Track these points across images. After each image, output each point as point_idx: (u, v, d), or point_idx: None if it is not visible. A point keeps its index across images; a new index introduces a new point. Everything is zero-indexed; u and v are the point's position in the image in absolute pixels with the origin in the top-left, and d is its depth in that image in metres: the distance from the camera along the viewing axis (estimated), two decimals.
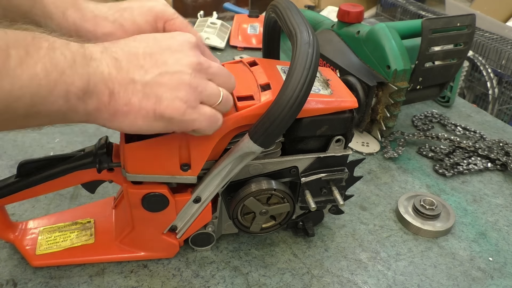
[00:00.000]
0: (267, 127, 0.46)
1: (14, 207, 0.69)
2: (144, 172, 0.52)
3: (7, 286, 0.57)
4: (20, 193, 0.56)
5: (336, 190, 0.59)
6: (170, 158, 0.51)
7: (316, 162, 0.57)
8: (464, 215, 0.73)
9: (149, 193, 0.53)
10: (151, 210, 0.55)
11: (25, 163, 0.55)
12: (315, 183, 0.58)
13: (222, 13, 1.70)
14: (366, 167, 0.84)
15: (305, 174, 0.58)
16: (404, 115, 1.01)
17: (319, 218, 0.66)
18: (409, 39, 0.85)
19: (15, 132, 0.88)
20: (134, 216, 0.56)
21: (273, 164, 0.56)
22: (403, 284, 0.60)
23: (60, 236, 0.61)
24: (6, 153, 0.82)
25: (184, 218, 0.57)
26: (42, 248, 0.60)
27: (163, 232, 0.58)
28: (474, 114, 1.05)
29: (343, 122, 0.54)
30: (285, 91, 0.45)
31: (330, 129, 0.54)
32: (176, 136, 0.49)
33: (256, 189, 0.56)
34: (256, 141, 0.48)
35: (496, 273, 0.63)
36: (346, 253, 0.65)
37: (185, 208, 0.56)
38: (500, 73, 1.69)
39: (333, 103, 0.53)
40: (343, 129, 0.55)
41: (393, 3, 2.21)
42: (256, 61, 0.58)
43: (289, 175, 0.58)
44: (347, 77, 0.84)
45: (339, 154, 0.57)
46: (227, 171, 0.53)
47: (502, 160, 0.85)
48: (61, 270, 0.59)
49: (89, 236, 0.61)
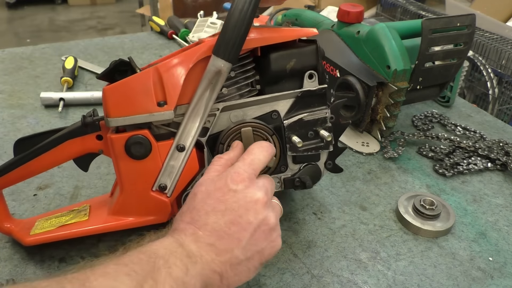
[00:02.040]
0: (223, 37, 0.50)
1: (14, 207, 0.69)
2: (124, 113, 0.53)
3: (7, 286, 0.57)
4: (15, 171, 0.57)
5: (322, 130, 0.60)
6: (146, 94, 0.53)
7: (295, 103, 0.59)
8: (464, 215, 0.73)
9: (132, 136, 0.54)
10: (135, 157, 0.55)
11: (21, 139, 0.58)
12: (299, 126, 0.59)
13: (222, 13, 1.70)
14: (366, 167, 0.84)
15: (287, 118, 0.59)
16: (404, 115, 1.01)
17: (317, 174, 0.64)
18: (409, 39, 0.85)
19: (15, 132, 0.88)
20: (121, 171, 0.56)
21: (253, 110, 0.58)
22: (403, 284, 0.60)
23: (55, 221, 0.61)
24: (6, 153, 0.82)
25: (171, 173, 0.57)
26: (37, 230, 0.60)
27: (152, 190, 0.57)
28: (474, 114, 1.05)
29: (309, 54, 0.57)
30: (234, 2, 0.49)
31: (298, 62, 0.57)
32: (149, 72, 0.52)
33: (237, 124, 0.57)
34: (218, 54, 0.51)
35: (496, 273, 0.63)
36: (346, 253, 0.65)
37: (169, 158, 0.56)
38: (500, 73, 1.69)
39: (294, 30, 0.58)
40: (312, 61, 0.58)
41: (393, 3, 2.21)
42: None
43: (271, 120, 0.59)
44: (347, 77, 0.84)
45: (314, 88, 0.59)
46: (204, 106, 0.54)
47: (502, 160, 0.85)
48: (61, 270, 0.59)
49: (83, 216, 0.61)
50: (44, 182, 0.75)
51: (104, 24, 4.32)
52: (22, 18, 4.41)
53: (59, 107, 0.96)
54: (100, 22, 4.38)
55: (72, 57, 1.13)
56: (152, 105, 0.53)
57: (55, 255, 0.62)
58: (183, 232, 0.47)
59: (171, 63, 0.53)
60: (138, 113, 0.53)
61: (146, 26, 3.27)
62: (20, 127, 0.90)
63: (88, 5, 4.76)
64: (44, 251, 0.62)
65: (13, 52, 1.23)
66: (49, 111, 0.97)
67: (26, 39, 3.92)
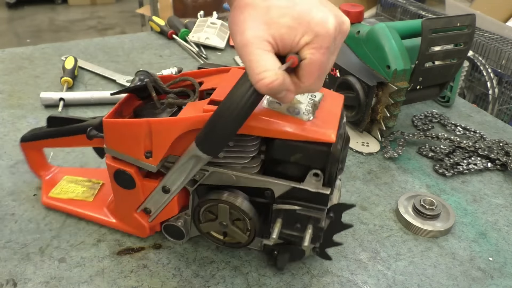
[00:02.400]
0: (206, 134, 0.47)
1: (14, 207, 0.69)
2: (116, 149, 0.56)
3: (7, 286, 0.57)
4: (48, 140, 0.67)
5: (310, 230, 0.52)
6: (135, 142, 0.54)
7: (292, 191, 0.52)
8: (464, 215, 0.73)
9: (120, 169, 0.57)
10: (121, 186, 0.59)
11: (52, 117, 0.67)
12: (289, 214, 0.53)
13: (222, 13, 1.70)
14: (366, 167, 0.84)
15: (280, 201, 0.53)
16: (404, 115, 1.01)
17: (298, 255, 0.59)
18: (409, 39, 0.85)
19: (15, 132, 0.88)
20: (112, 186, 0.61)
21: (246, 180, 0.54)
22: (403, 284, 0.60)
23: (72, 187, 0.72)
24: (6, 153, 0.82)
25: (156, 204, 0.59)
26: (55, 192, 0.71)
27: (136, 211, 0.61)
28: (474, 114, 1.05)
29: (318, 155, 0.49)
30: (225, 102, 0.45)
31: (305, 158, 0.50)
32: (144, 123, 0.53)
33: (223, 198, 0.54)
34: (198, 145, 0.49)
35: (496, 273, 0.63)
36: (346, 253, 0.65)
37: (154, 194, 0.58)
38: (500, 73, 1.69)
39: (304, 130, 0.49)
40: (320, 163, 0.50)
41: (393, 3, 2.21)
42: None
43: (263, 196, 0.54)
44: (347, 77, 0.84)
45: (312, 189, 0.51)
46: (188, 170, 0.54)
47: (502, 160, 0.85)
48: (61, 270, 0.59)
49: (90, 195, 0.70)
50: None
51: (104, 24, 4.32)
52: (22, 18, 4.40)
53: (59, 107, 0.96)
54: (100, 22, 4.38)
55: (72, 57, 1.13)
56: (140, 153, 0.54)
57: (55, 255, 0.62)
58: None
59: (163, 123, 0.52)
60: (127, 154, 0.56)
61: (146, 26, 3.27)
62: (20, 127, 0.90)
63: (88, 5, 4.76)
64: (44, 251, 0.62)
65: (13, 52, 1.23)
66: (49, 111, 0.96)
67: (26, 39, 3.91)
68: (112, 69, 1.15)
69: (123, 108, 0.59)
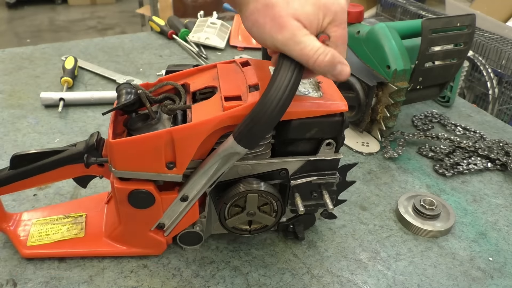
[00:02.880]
0: (250, 128, 0.46)
1: (14, 207, 0.69)
2: (130, 169, 0.52)
3: (7, 286, 0.57)
4: (12, 185, 0.57)
5: (327, 194, 0.58)
6: (155, 155, 0.51)
7: (306, 165, 0.56)
8: (464, 215, 0.73)
9: (135, 190, 0.53)
10: (137, 207, 0.55)
11: (18, 155, 0.56)
12: (305, 186, 0.58)
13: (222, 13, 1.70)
14: (366, 167, 0.84)
15: (295, 177, 0.57)
16: (404, 115, 1.01)
17: (311, 222, 0.65)
18: (409, 39, 0.85)
19: (15, 132, 0.88)
20: (121, 212, 0.57)
21: (262, 166, 0.56)
22: (403, 284, 0.60)
23: (51, 229, 0.63)
24: (6, 153, 0.82)
25: (171, 216, 0.57)
26: (34, 239, 0.61)
27: (150, 229, 0.58)
28: (474, 114, 1.05)
29: (333, 126, 0.54)
30: (268, 93, 0.45)
31: (320, 132, 0.54)
32: (164, 134, 0.50)
33: (252, 188, 0.55)
34: (239, 141, 0.48)
35: (496, 273, 0.63)
36: (346, 253, 0.65)
37: (172, 206, 0.56)
38: (500, 73, 1.69)
39: (322, 105, 0.52)
40: (334, 133, 0.54)
41: (393, 3, 2.21)
42: (249, 61, 0.57)
43: (279, 177, 0.57)
44: None
45: (329, 158, 0.56)
46: (213, 171, 0.53)
47: (502, 160, 0.85)
48: (61, 270, 0.59)
49: (79, 230, 0.63)
50: None
51: (104, 24, 4.32)
52: (22, 18, 4.40)
53: (59, 107, 0.96)
54: (100, 22, 4.38)
55: (72, 57, 1.13)
56: (160, 166, 0.52)
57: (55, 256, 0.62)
58: None
59: (186, 129, 0.50)
60: (145, 171, 0.52)
61: (146, 26, 3.27)
62: (20, 127, 0.90)
63: (88, 5, 4.76)
64: None
65: (13, 52, 1.23)
66: (49, 111, 0.97)
67: (26, 39, 3.91)
68: (112, 69, 1.15)
69: (116, 126, 0.56)
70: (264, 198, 0.56)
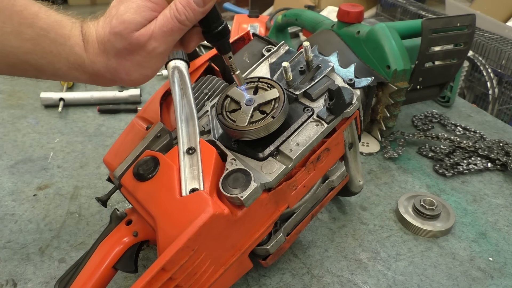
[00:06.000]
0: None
1: (14, 207, 0.69)
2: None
3: (7, 286, 0.57)
4: None
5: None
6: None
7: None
8: (464, 215, 0.73)
9: None
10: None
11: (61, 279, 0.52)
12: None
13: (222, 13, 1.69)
14: (366, 167, 0.84)
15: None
16: (404, 115, 1.01)
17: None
18: (409, 39, 0.85)
19: (15, 132, 0.88)
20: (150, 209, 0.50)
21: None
22: (403, 284, 0.60)
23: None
24: (6, 153, 0.82)
25: (196, 176, 0.51)
26: None
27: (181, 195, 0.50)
28: (474, 114, 1.05)
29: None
30: None
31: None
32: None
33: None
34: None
35: (496, 273, 0.63)
36: (346, 253, 0.65)
37: (183, 164, 0.52)
38: (500, 73, 1.69)
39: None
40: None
41: (393, 3, 2.21)
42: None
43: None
44: None
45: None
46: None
47: (502, 160, 0.85)
48: (61, 270, 0.59)
49: None
50: (44, 182, 0.75)
51: None
52: None
53: (59, 107, 0.96)
54: None
55: None
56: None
57: (55, 255, 0.62)
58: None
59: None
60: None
61: None
62: (20, 127, 0.90)
63: (88, 5, 4.76)
64: (44, 251, 0.62)
65: None
66: (49, 111, 0.97)
67: None
68: None
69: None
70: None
